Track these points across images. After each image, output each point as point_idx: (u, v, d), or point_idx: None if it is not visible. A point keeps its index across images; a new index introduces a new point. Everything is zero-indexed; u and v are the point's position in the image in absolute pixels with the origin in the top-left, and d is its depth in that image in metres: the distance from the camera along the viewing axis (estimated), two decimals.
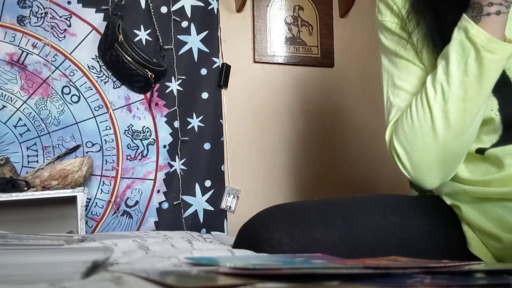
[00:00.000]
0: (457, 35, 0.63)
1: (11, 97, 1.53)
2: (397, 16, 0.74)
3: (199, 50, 1.75)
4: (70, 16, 1.60)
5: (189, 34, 1.74)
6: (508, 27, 0.63)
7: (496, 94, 0.67)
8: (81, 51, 1.61)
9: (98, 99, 1.63)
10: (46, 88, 1.57)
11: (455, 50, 0.63)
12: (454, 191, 0.73)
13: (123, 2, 1.60)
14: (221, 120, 1.78)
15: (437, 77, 0.65)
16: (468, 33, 0.61)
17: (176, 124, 1.70)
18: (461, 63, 0.62)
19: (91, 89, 1.62)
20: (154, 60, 1.62)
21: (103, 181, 1.61)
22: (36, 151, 1.54)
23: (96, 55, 1.62)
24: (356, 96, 1.99)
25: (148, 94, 1.66)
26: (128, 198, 1.63)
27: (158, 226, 1.65)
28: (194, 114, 1.73)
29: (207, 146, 1.74)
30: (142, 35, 1.67)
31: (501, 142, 0.68)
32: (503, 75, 0.66)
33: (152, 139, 1.68)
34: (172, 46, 1.70)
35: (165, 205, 1.66)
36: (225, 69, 1.77)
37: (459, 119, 0.63)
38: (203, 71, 1.76)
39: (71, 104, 1.60)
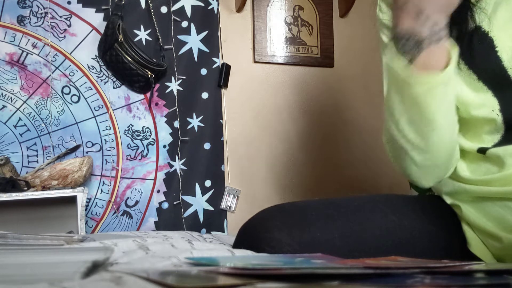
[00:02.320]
0: (384, 59, 0.64)
1: (11, 97, 1.53)
2: None
3: (199, 50, 1.75)
4: (70, 16, 1.60)
5: (189, 34, 1.74)
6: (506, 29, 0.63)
7: (497, 94, 0.66)
8: (81, 51, 1.61)
9: (98, 99, 1.63)
10: (46, 88, 1.57)
11: (387, 76, 0.64)
12: (454, 190, 0.73)
13: (123, 2, 1.60)
14: (221, 120, 1.78)
15: (384, 100, 0.66)
16: (392, 63, 0.61)
17: (176, 124, 1.70)
18: (397, 90, 0.62)
19: (91, 89, 1.62)
20: (154, 60, 1.62)
21: (103, 181, 1.61)
22: (36, 151, 1.54)
23: (96, 55, 1.62)
24: (356, 96, 1.99)
25: (148, 94, 1.66)
26: (128, 198, 1.63)
27: (158, 226, 1.65)
28: (194, 114, 1.73)
29: (207, 146, 1.74)
30: (142, 35, 1.67)
31: (502, 142, 0.68)
32: (504, 75, 0.66)
33: (152, 139, 1.68)
34: (172, 46, 1.70)
35: (165, 205, 1.66)
36: (225, 69, 1.77)
37: (421, 137, 0.64)
38: (203, 71, 1.76)
39: (71, 104, 1.60)
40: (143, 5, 1.67)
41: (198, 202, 1.71)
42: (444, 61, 0.59)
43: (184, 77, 1.72)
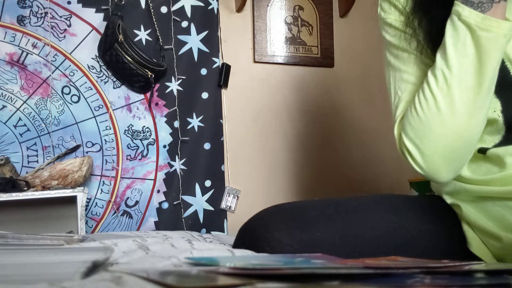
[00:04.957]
0: (450, 22, 0.63)
1: (11, 97, 1.53)
2: (401, 12, 0.74)
3: (199, 50, 1.75)
4: (70, 16, 1.60)
5: (189, 34, 1.74)
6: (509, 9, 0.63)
7: (499, 95, 0.67)
8: (81, 51, 1.61)
9: (98, 99, 1.63)
10: (46, 88, 1.57)
11: (450, 35, 0.63)
12: (455, 190, 0.73)
13: (123, 2, 1.60)
14: (221, 120, 1.78)
15: (436, 64, 0.64)
16: (460, 16, 0.61)
17: (176, 124, 1.70)
18: (458, 45, 0.62)
19: (91, 89, 1.62)
20: (154, 60, 1.62)
21: (103, 181, 1.61)
22: (36, 151, 1.54)
23: (96, 55, 1.62)
24: (356, 96, 1.99)
25: (148, 94, 1.66)
26: (128, 198, 1.63)
27: (158, 226, 1.65)
28: (194, 114, 1.73)
29: (207, 146, 1.74)
30: (142, 35, 1.67)
31: (503, 142, 0.68)
32: (507, 76, 0.66)
33: (152, 139, 1.68)
34: (172, 46, 1.70)
35: (165, 205, 1.66)
36: (225, 69, 1.77)
37: (464, 102, 0.62)
38: (203, 71, 1.76)
39: (71, 104, 1.60)
40: (143, 5, 1.67)
41: (198, 202, 1.71)
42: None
43: (184, 77, 1.72)
